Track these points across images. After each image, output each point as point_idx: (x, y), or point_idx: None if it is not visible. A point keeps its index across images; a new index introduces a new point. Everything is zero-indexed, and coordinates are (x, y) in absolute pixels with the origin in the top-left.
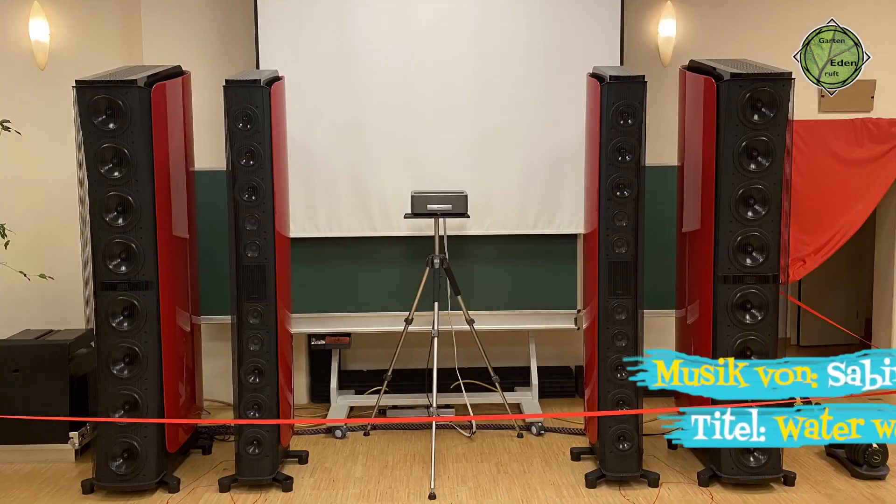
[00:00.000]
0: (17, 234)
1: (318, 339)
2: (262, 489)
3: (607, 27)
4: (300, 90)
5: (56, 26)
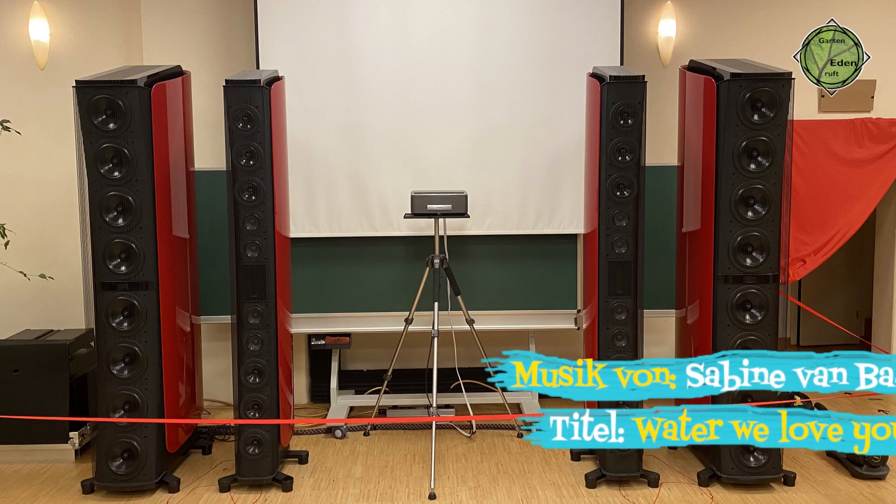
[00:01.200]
0: (17, 234)
1: (318, 339)
2: (262, 489)
3: (607, 27)
4: (300, 90)
5: (56, 26)
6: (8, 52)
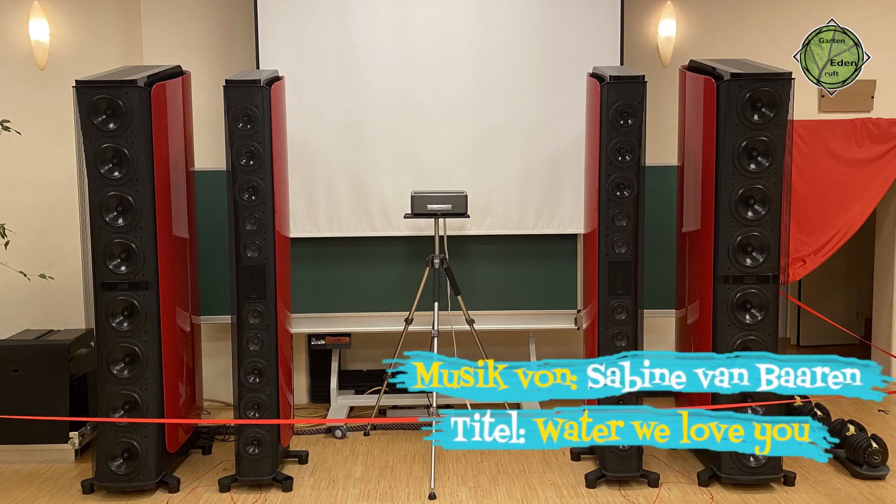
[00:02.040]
0: (17, 234)
1: (318, 339)
2: (262, 489)
3: (607, 27)
4: (300, 90)
5: (56, 26)
6: (8, 52)
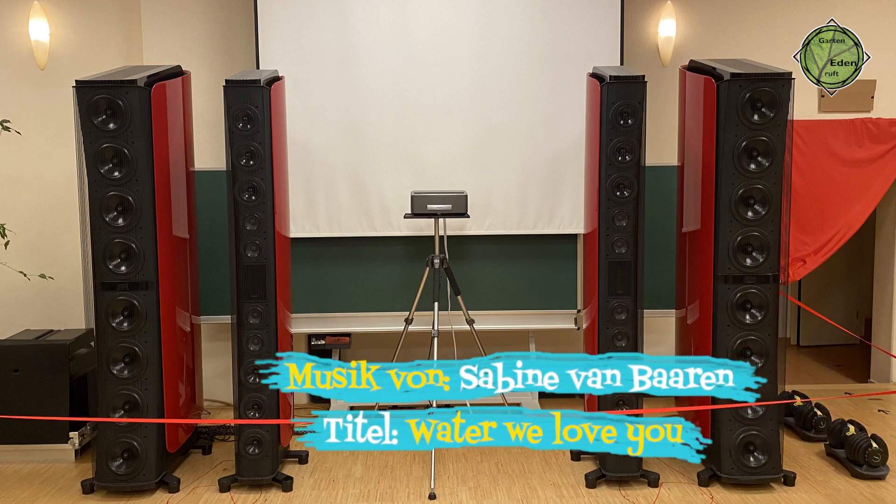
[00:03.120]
0: (17, 234)
1: (318, 339)
2: (262, 489)
3: (607, 27)
4: (300, 90)
5: (56, 26)
6: (8, 52)
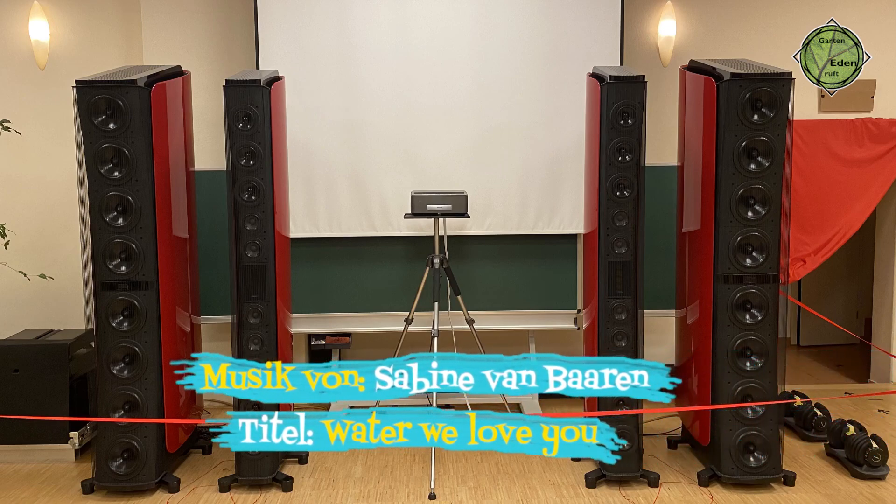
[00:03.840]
0: (17, 234)
1: (318, 339)
2: (262, 489)
3: (607, 27)
4: (300, 90)
5: (56, 26)
6: (8, 52)
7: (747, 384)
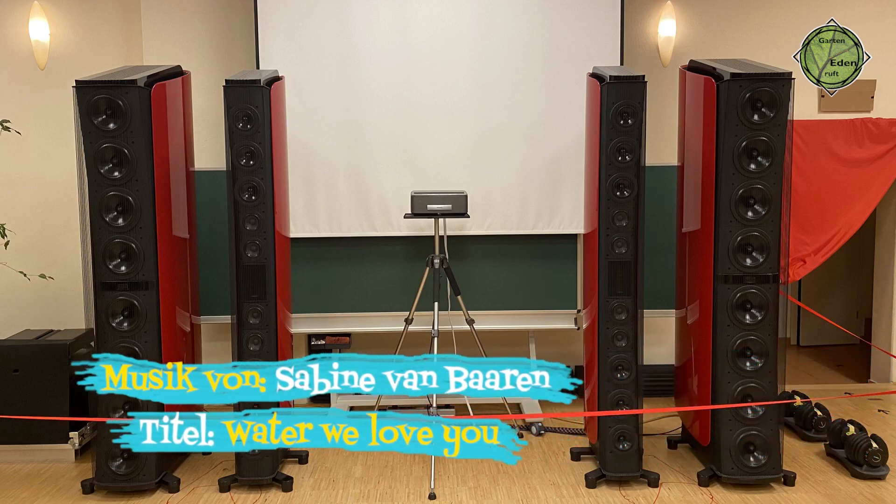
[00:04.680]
0: (17, 234)
1: (318, 339)
2: (262, 489)
3: (607, 27)
4: (300, 90)
5: (56, 26)
6: (8, 52)
7: (747, 384)
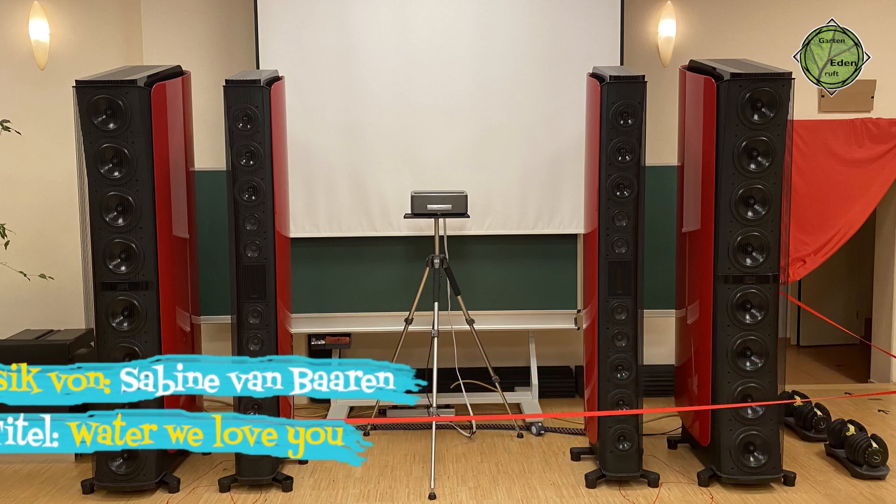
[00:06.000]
0: (17, 234)
1: (318, 339)
2: (262, 489)
3: (607, 27)
4: (300, 90)
5: (56, 26)
6: (8, 52)
7: (747, 384)
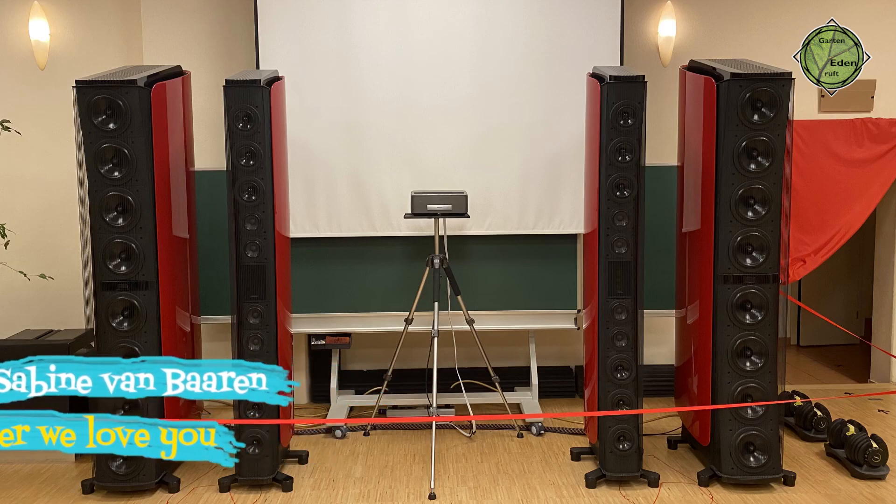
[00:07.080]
0: (17, 234)
1: (318, 339)
2: (262, 489)
3: (607, 27)
4: (300, 90)
5: (56, 26)
6: (8, 52)
7: (747, 384)
